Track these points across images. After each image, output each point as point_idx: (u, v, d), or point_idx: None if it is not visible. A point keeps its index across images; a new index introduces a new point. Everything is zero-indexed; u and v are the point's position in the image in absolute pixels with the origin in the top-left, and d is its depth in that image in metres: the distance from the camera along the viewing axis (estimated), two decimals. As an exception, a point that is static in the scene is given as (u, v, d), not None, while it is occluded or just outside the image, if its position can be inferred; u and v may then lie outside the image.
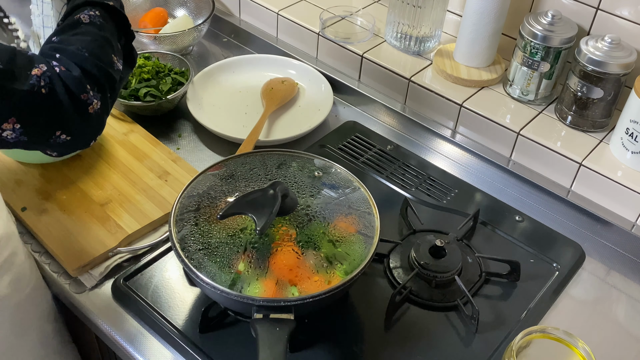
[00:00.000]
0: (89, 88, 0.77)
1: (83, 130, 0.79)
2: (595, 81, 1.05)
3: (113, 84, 0.82)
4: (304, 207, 0.87)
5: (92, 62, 0.78)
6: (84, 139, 0.80)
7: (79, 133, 0.78)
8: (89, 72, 0.77)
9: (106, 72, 0.80)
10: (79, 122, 0.77)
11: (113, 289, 0.93)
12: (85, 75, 0.77)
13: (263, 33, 1.43)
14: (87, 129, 0.79)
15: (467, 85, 1.19)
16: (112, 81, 0.81)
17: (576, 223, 1.07)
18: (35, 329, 0.95)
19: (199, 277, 0.78)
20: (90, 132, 0.80)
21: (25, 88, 0.72)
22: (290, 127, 1.21)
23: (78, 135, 0.79)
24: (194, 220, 0.85)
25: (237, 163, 0.94)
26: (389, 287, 0.94)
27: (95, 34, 0.81)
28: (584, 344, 0.77)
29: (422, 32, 1.24)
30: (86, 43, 0.79)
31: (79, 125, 0.77)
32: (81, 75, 0.76)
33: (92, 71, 0.78)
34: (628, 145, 1.03)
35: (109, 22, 0.84)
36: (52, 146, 0.78)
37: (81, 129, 0.78)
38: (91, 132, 0.80)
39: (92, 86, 0.77)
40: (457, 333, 0.89)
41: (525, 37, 1.10)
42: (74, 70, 0.76)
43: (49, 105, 0.74)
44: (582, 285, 0.99)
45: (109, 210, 1.00)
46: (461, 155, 1.18)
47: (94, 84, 0.78)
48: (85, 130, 0.79)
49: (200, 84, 1.27)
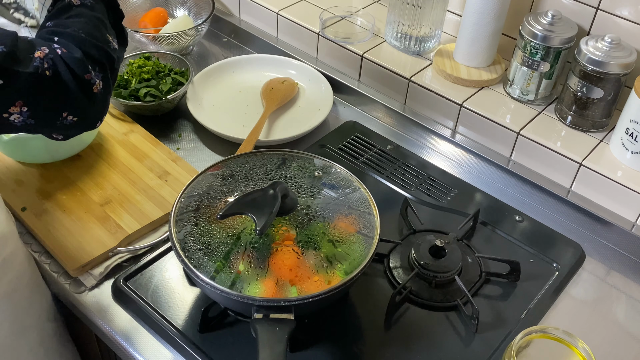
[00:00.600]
0: (90, 68, 0.78)
1: (89, 111, 0.80)
2: (595, 81, 1.05)
3: (112, 63, 0.83)
4: (304, 207, 0.87)
5: (90, 42, 0.79)
6: (90, 120, 0.82)
7: (85, 114, 0.80)
8: (88, 53, 0.79)
9: (105, 51, 0.81)
10: (85, 103, 0.78)
11: (113, 289, 0.93)
12: (86, 56, 0.78)
13: (263, 33, 1.43)
14: (93, 109, 0.81)
15: (467, 85, 1.19)
16: (111, 60, 0.82)
17: (576, 223, 1.07)
18: (35, 328, 0.95)
19: (199, 277, 0.78)
20: (96, 112, 0.82)
21: (29, 70, 0.73)
22: (290, 127, 1.21)
23: (84, 116, 0.80)
24: (194, 220, 0.85)
25: (237, 163, 0.94)
26: (389, 287, 0.94)
27: (88, 15, 0.82)
28: (584, 344, 0.77)
29: (422, 32, 1.24)
30: (81, 25, 0.80)
31: (85, 106, 0.79)
32: (83, 56, 0.77)
33: (91, 52, 0.79)
34: (628, 145, 1.03)
35: (98, 3, 0.85)
36: (59, 128, 0.79)
37: (87, 110, 0.80)
38: (97, 112, 0.82)
39: (93, 66, 0.79)
40: (457, 333, 0.89)
41: (525, 37, 1.10)
42: (75, 52, 0.77)
43: (55, 87, 0.75)
44: (582, 285, 0.99)
45: (109, 210, 1.00)
46: (461, 155, 1.18)
47: (95, 64, 0.79)
48: (92, 111, 0.81)
49: (200, 84, 1.27)
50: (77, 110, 0.79)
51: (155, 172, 1.07)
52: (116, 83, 1.20)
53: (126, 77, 1.21)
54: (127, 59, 1.25)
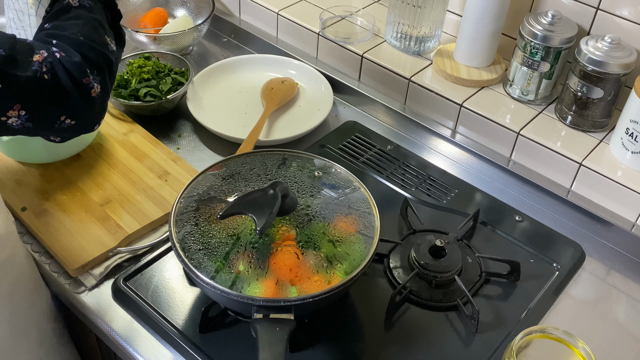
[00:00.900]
0: (89, 72, 0.77)
1: (87, 114, 0.80)
2: (595, 81, 1.05)
3: (110, 65, 0.82)
4: (304, 207, 0.87)
5: (88, 46, 0.79)
6: (88, 123, 0.82)
7: (83, 117, 0.80)
8: (87, 57, 0.78)
9: (103, 54, 0.81)
10: (84, 107, 0.78)
11: (113, 289, 0.93)
12: (85, 59, 0.78)
13: (263, 33, 1.43)
14: (91, 112, 0.80)
15: (467, 85, 1.19)
16: (109, 63, 0.82)
17: (576, 223, 1.07)
18: (34, 328, 0.95)
19: (199, 277, 0.78)
20: (94, 116, 0.82)
21: (28, 74, 0.73)
22: (290, 127, 1.21)
23: (83, 120, 0.80)
24: (194, 220, 0.85)
25: (237, 163, 0.94)
26: (389, 287, 0.94)
27: (87, 17, 0.82)
28: (584, 344, 0.77)
29: (422, 32, 1.24)
30: (80, 27, 0.80)
31: (84, 110, 0.79)
32: (81, 60, 0.77)
33: (89, 55, 0.79)
34: (628, 145, 1.03)
35: (96, 3, 0.85)
36: (57, 131, 0.79)
37: (85, 113, 0.80)
38: (95, 115, 0.82)
39: (91, 70, 0.78)
40: (457, 333, 0.89)
41: (525, 37, 1.10)
42: (74, 56, 0.76)
43: (53, 91, 0.75)
44: (582, 285, 0.99)
45: (109, 210, 1.00)
46: (461, 155, 1.18)
47: (93, 67, 0.79)
48: (90, 114, 0.81)
49: (200, 84, 1.27)
50: (75, 114, 0.78)
51: (155, 172, 1.07)
52: (116, 83, 1.20)
53: (126, 77, 1.21)
54: (127, 59, 1.25)
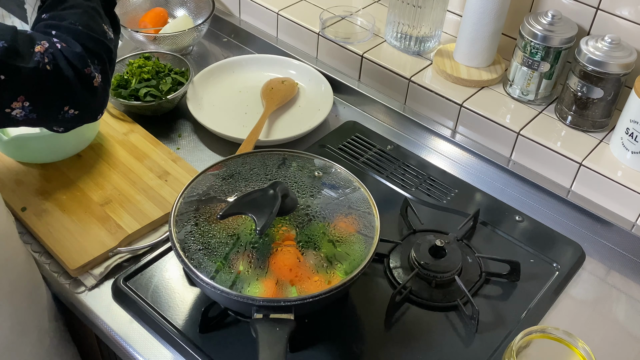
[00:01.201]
0: (90, 62, 0.78)
1: (90, 104, 0.81)
2: (595, 81, 1.05)
3: (110, 54, 0.83)
4: (304, 207, 0.87)
5: (88, 35, 0.79)
6: (91, 113, 0.83)
7: (86, 107, 0.80)
8: (87, 47, 0.79)
9: (102, 43, 0.81)
10: (86, 96, 0.79)
11: (113, 289, 0.93)
12: (85, 49, 0.78)
13: (263, 33, 1.43)
14: (94, 102, 0.81)
15: (467, 85, 1.19)
16: (108, 52, 0.83)
17: (576, 223, 1.07)
18: (35, 328, 0.95)
19: (199, 277, 0.78)
20: (97, 105, 0.82)
21: (30, 65, 0.73)
22: (290, 127, 1.21)
23: (86, 109, 0.81)
24: (194, 220, 0.85)
25: (237, 163, 0.94)
26: (389, 287, 0.94)
27: (84, 6, 0.82)
28: (584, 344, 0.77)
29: (422, 32, 1.24)
30: (78, 16, 0.80)
31: (86, 99, 0.79)
32: (82, 51, 0.77)
33: (89, 45, 0.79)
34: (628, 145, 1.03)
35: None
36: (61, 122, 0.80)
37: (89, 103, 0.80)
38: (98, 104, 0.82)
39: (92, 59, 0.79)
40: (457, 333, 0.89)
41: (525, 37, 1.10)
42: (75, 47, 0.77)
43: (56, 82, 0.76)
44: (582, 285, 0.99)
45: (109, 210, 1.00)
46: (461, 155, 1.18)
47: (94, 57, 0.80)
48: (93, 104, 0.81)
49: (200, 84, 1.27)
50: (79, 104, 0.79)
51: (155, 172, 1.07)
52: (116, 83, 1.20)
53: (126, 77, 1.21)
54: (127, 59, 1.25)
